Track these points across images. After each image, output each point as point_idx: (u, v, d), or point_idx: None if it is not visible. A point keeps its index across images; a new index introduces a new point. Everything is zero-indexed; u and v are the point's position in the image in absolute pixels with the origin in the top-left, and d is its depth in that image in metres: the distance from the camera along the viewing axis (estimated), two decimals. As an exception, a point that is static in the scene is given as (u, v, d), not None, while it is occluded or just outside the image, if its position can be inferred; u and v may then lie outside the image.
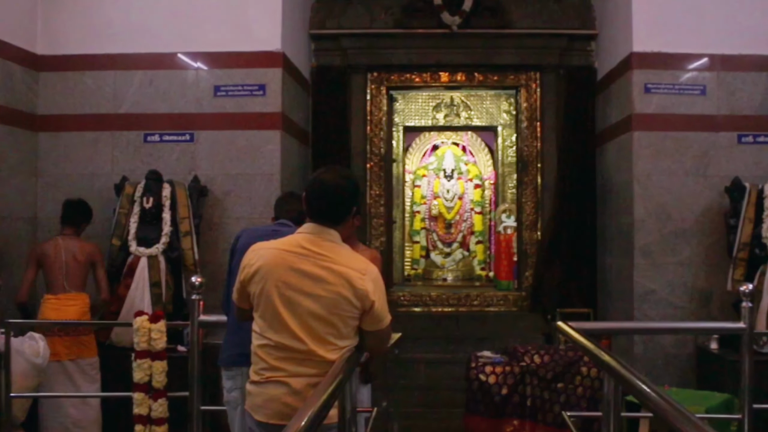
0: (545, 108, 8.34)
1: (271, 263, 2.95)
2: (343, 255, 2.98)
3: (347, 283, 2.90)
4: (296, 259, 2.93)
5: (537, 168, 8.38)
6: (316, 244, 2.96)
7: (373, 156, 8.49)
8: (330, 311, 2.90)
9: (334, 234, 3.01)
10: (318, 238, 2.98)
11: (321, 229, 3.00)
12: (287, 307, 2.91)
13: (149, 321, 4.91)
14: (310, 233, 3.00)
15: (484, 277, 10.31)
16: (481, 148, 10.78)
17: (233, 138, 6.82)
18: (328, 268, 2.91)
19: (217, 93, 6.84)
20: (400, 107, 9.85)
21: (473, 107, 9.87)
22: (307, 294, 2.90)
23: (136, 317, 4.96)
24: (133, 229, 6.27)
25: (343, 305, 2.91)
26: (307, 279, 2.91)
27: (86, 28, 6.91)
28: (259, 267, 2.96)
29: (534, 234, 8.38)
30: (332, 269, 2.91)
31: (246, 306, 3.07)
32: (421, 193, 10.69)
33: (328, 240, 2.99)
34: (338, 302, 2.90)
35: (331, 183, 3.00)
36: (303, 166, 7.83)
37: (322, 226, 3.00)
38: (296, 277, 2.91)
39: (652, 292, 6.80)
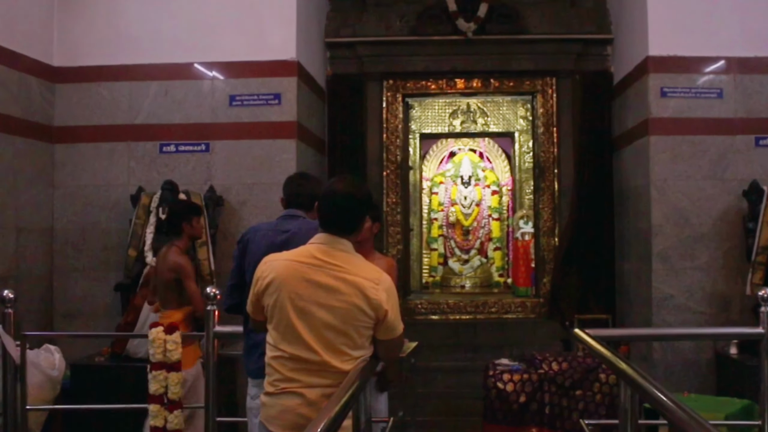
0: (561, 113, 8.31)
1: (284, 275, 2.94)
2: (356, 265, 2.97)
3: (361, 293, 2.89)
4: (309, 270, 2.93)
5: (554, 174, 8.35)
6: (328, 255, 2.95)
7: (390, 164, 8.49)
8: (344, 322, 2.89)
9: (347, 244, 3.01)
10: (330, 248, 2.97)
11: (333, 239, 2.99)
12: (301, 319, 2.91)
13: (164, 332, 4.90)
14: (323, 243, 3.00)
15: (502, 284, 10.26)
16: (498, 154, 10.74)
17: (249, 147, 6.84)
18: (342, 278, 2.91)
19: (233, 102, 6.86)
20: (416, 114, 9.83)
21: (490, 113, 9.84)
22: (320, 305, 2.89)
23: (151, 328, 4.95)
24: (149, 239, 6.29)
25: (357, 315, 2.90)
26: (320, 290, 2.91)
27: (102, 40, 6.97)
28: (273, 279, 2.95)
29: (551, 240, 8.35)
30: (345, 279, 2.91)
31: (260, 318, 3.06)
32: (438, 200, 10.65)
33: (341, 250, 2.98)
34: (352, 312, 2.89)
35: (342, 192, 2.99)
36: (319, 175, 7.79)
37: (334, 236, 3.00)
38: (310, 288, 2.91)
39: (670, 298, 6.74)
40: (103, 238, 6.90)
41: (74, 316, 6.90)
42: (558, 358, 5.80)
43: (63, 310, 6.93)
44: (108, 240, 6.89)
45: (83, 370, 6.01)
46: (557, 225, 8.31)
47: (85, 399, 5.74)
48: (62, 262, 6.95)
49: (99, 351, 6.31)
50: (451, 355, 7.84)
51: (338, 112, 8.28)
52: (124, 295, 6.37)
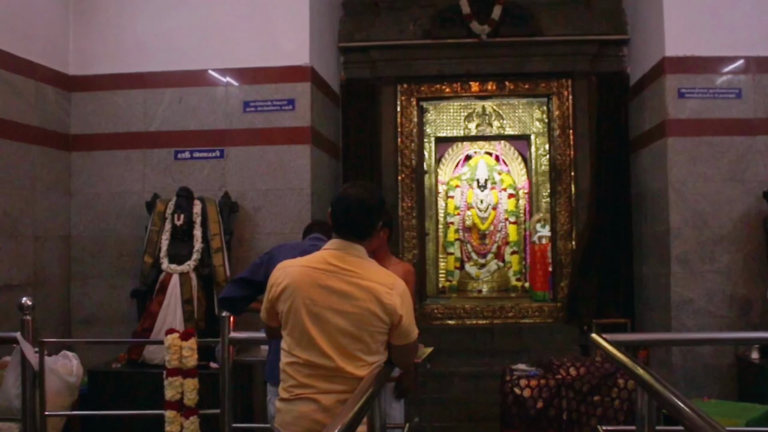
0: (578, 115, 8.31)
1: (299, 281, 2.97)
2: (370, 270, 3.00)
3: (375, 298, 2.91)
4: (323, 276, 2.95)
5: (570, 176, 8.34)
6: (342, 260, 2.98)
7: (405, 168, 8.52)
8: (359, 327, 2.91)
9: (360, 249, 3.03)
10: (344, 254, 3.00)
11: (347, 244, 3.02)
12: (315, 324, 2.93)
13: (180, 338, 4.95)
14: (337, 249, 3.02)
15: (519, 288, 10.25)
16: (515, 157, 10.73)
17: (263, 153, 6.88)
18: (356, 283, 2.93)
19: (247, 109, 6.91)
20: (431, 118, 9.85)
21: (505, 116, 9.83)
22: (335, 310, 2.92)
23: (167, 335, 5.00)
24: (164, 246, 6.33)
25: (372, 321, 2.92)
26: (334, 295, 2.93)
27: (116, 48, 7.04)
28: (287, 285, 2.98)
29: (569, 243, 8.34)
30: (360, 285, 2.93)
31: (275, 324, 3.09)
32: (454, 204, 10.65)
33: (355, 255, 3.00)
34: (367, 318, 2.91)
35: (355, 198, 3.02)
36: (334, 180, 7.87)
37: (347, 241, 3.03)
38: (324, 293, 2.93)
39: (689, 302, 6.72)
40: (119, 245, 6.96)
41: (91, 323, 6.96)
42: (576, 363, 5.79)
43: (80, 316, 6.99)
44: (124, 247, 6.94)
45: (100, 376, 6.07)
46: (574, 228, 8.30)
47: (102, 405, 5.81)
48: (79, 269, 7.01)
49: (116, 357, 6.37)
50: (468, 360, 7.84)
51: (352, 117, 8.30)
52: (140, 301, 6.42)
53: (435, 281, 10.16)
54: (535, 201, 9.86)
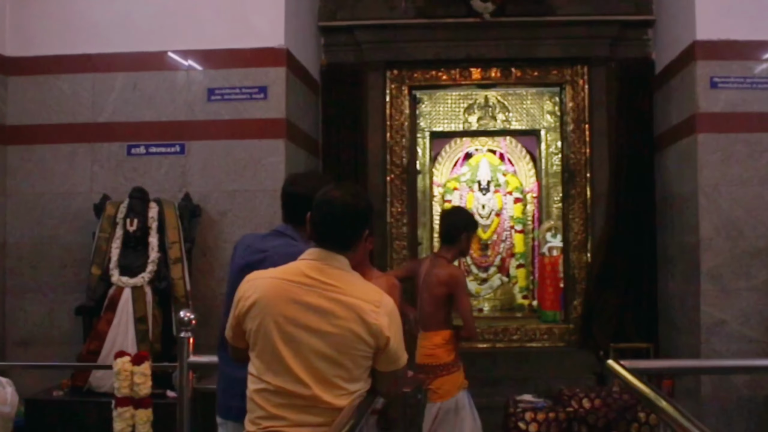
0: (595, 108, 8.31)
1: (270, 295, 2.95)
2: (354, 285, 2.99)
3: (359, 317, 2.90)
4: (299, 290, 2.93)
5: (586, 178, 8.35)
6: (322, 273, 2.96)
7: (395, 167, 8.51)
8: (339, 350, 2.90)
9: (343, 260, 3.02)
10: (325, 266, 2.98)
11: (328, 254, 3.00)
12: (289, 346, 2.91)
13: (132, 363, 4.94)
14: (316, 260, 3.01)
15: (526, 307, 10.27)
16: (522, 155, 10.77)
17: (230, 149, 6.87)
18: (337, 299, 2.91)
19: (212, 97, 6.90)
20: (426, 110, 9.86)
21: (511, 108, 9.86)
22: (311, 330, 2.90)
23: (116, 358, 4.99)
24: (115, 255, 6.31)
25: (354, 343, 2.90)
26: (312, 313, 2.91)
27: (60, 25, 7.01)
28: (257, 300, 2.96)
29: (583, 256, 8.35)
30: (341, 301, 2.91)
31: (241, 345, 3.07)
32: (451, 209, 10.68)
33: (336, 267, 2.99)
34: (348, 339, 2.90)
35: (339, 202, 3.00)
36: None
37: (329, 251, 3.01)
38: (299, 310, 2.91)
39: (722, 324, 6.73)
40: (63, 254, 6.93)
41: (29, 344, 6.93)
42: (590, 394, 5.81)
43: (16, 337, 6.96)
44: (68, 256, 6.91)
45: (39, 405, 6.03)
46: (590, 238, 8.31)
47: (40, 439, 5.76)
48: (15, 281, 6.98)
49: (57, 384, 6.33)
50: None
51: (334, 108, 8.29)
52: (86, 319, 6.39)
53: (429, 298, 10.15)
54: (545, 206, 9.89)
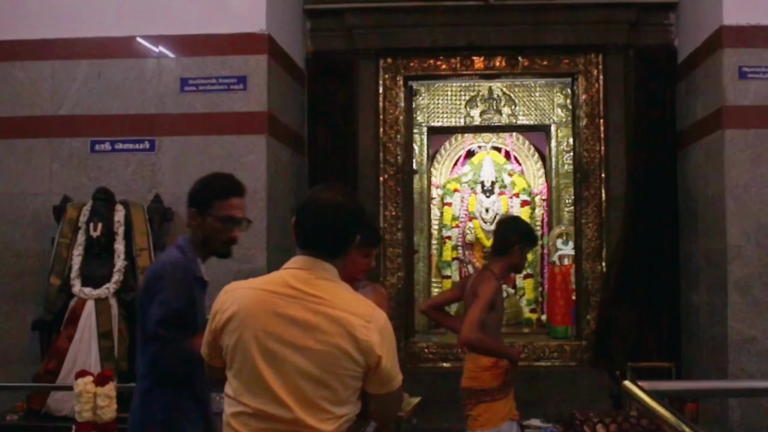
0: (610, 100, 8.31)
1: (250, 307, 2.92)
2: (343, 297, 2.97)
3: (347, 332, 2.87)
4: (282, 302, 2.90)
5: (601, 179, 8.34)
6: (307, 283, 2.94)
7: (388, 166, 8.50)
8: (325, 369, 2.86)
9: (331, 269, 3.01)
10: (310, 275, 2.96)
11: (314, 262, 2.99)
12: (270, 364, 2.88)
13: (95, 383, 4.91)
14: (301, 268, 2.99)
15: (534, 322, 10.26)
16: (530, 153, 10.77)
17: (206, 145, 6.87)
18: (324, 313, 2.88)
19: (185, 88, 6.89)
20: (423, 102, 9.87)
21: (518, 101, 9.87)
22: (295, 347, 2.87)
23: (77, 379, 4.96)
24: (76, 264, 6.28)
25: (342, 361, 2.87)
26: (295, 327, 2.88)
27: (17, 7, 7.00)
28: (235, 312, 2.93)
29: (597, 265, 8.33)
30: (328, 315, 2.88)
31: (218, 363, 3.04)
32: (452, 213, 10.67)
33: (323, 277, 2.97)
34: (335, 357, 2.86)
35: (329, 203, 3.01)
36: (296, 181, 7.87)
37: (315, 258, 3.00)
38: (282, 324, 2.88)
39: (751, 340, 6.73)
40: (18, 262, 6.90)
41: (-21, 364, 6.90)
42: (605, 419, 5.80)
43: (-35, 355, 6.93)
44: (23, 264, 6.88)
45: (-9, 432, 6.00)
46: (605, 246, 8.30)
47: (-8, 469, 5.75)
48: (-36, 293, 6.95)
49: (12, 407, 6.31)
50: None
51: (321, 101, 8.29)
52: (44, 335, 6.36)
53: (426, 312, 10.16)
54: (556, 210, 9.90)
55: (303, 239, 3.02)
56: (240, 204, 3.94)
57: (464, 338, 5.20)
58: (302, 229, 3.02)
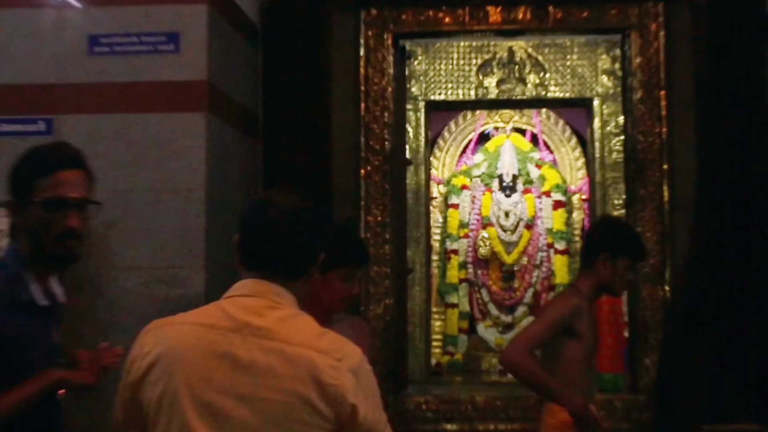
0: (675, 65, 8.31)
1: (180, 348, 2.95)
2: (303, 330, 3.01)
3: (309, 375, 2.88)
4: (222, 339, 2.94)
5: (662, 171, 8.31)
6: (256, 314, 2.98)
7: (373, 155, 8.45)
8: (281, 425, 2.88)
9: (287, 296, 3.07)
10: (260, 303, 3.02)
11: (265, 287, 3.05)
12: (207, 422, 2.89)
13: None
14: (247, 296, 3.04)
15: (572, 367, 10.24)
16: (565, 137, 10.77)
17: (123, 127, 6.83)
18: (278, 351, 2.92)
19: (95, 49, 6.85)
20: (420, 69, 9.85)
21: (549, 67, 9.85)
22: (241, 397, 2.89)
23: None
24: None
25: (304, 414, 2.88)
26: (241, 372, 2.91)
27: None
28: (159, 355, 2.95)
29: (659, 290, 8.29)
30: (284, 353, 2.92)
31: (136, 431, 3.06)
32: (459, 218, 10.65)
33: (277, 306, 3.03)
34: (295, 409, 2.87)
35: (282, 209, 3.08)
36: (247, 174, 7.90)
37: (267, 282, 3.06)
38: (223, 369, 2.91)
39: None
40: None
41: None
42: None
43: None
44: None
45: None
46: (669, 263, 8.27)
47: None
48: None
49: None
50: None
51: (282, 67, 8.24)
52: None
53: (423, 354, 10.10)
54: (600, 214, 9.85)
55: (250, 258, 3.09)
56: (74, 179, 3.79)
57: (506, 355, 5.23)
58: (248, 245, 3.08)
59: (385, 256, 8.46)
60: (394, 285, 8.53)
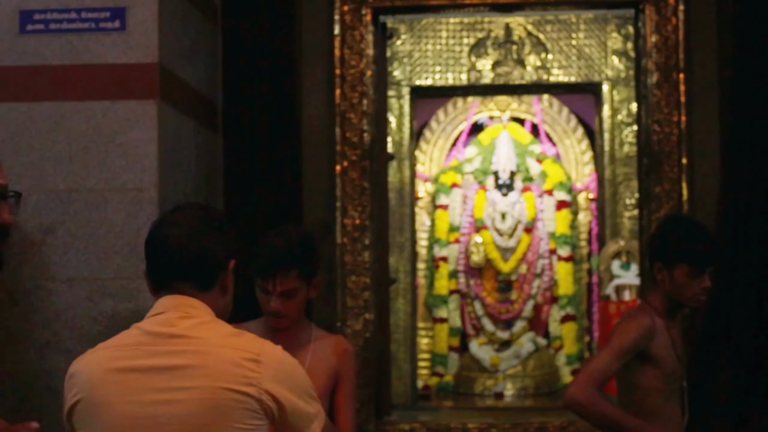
0: (696, 43, 8.30)
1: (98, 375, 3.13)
2: (220, 331, 3.21)
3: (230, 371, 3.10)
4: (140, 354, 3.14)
5: (680, 166, 8.32)
6: (169, 324, 3.18)
7: (350, 149, 8.44)
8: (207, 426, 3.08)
9: (201, 306, 3.25)
10: (172, 315, 3.21)
11: (176, 301, 3.24)
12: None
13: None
14: (158, 313, 3.24)
15: (579, 390, 10.23)
16: (570, 128, 10.77)
17: (61, 117, 6.75)
18: (195, 351, 3.12)
19: (27, 27, 6.78)
20: (404, 50, 9.83)
21: (551, 47, 9.85)
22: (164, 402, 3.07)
23: None
24: None
25: (230, 410, 3.09)
26: (160, 378, 3.10)
27: None
28: (80, 388, 3.15)
29: (677, 301, 8.30)
30: (201, 352, 3.12)
31: None
32: (448, 221, 10.64)
33: (189, 315, 3.21)
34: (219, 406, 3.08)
35: (179, 221, 3.35)
36: (206, 170, 7.84)
37: (179, 296, 3.25)
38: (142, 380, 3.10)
39: None
40: None
41: None
42: None
43: None
44: None
45: None
46: (689, 270, 8.26)
47: None
48: None
49: None
50: None
51: (245, 48, 8.22)
52: None
53: (409, 375, 10.08)
54: (611, 216, 9.86)
55: (158, 279, 3.32)
56: None
57: (569, 395, 5.08)
58: (153, 265, 3.32)
59: (365, 265, 8.46)
60: (374, 297, 8.52)
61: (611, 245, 9.62)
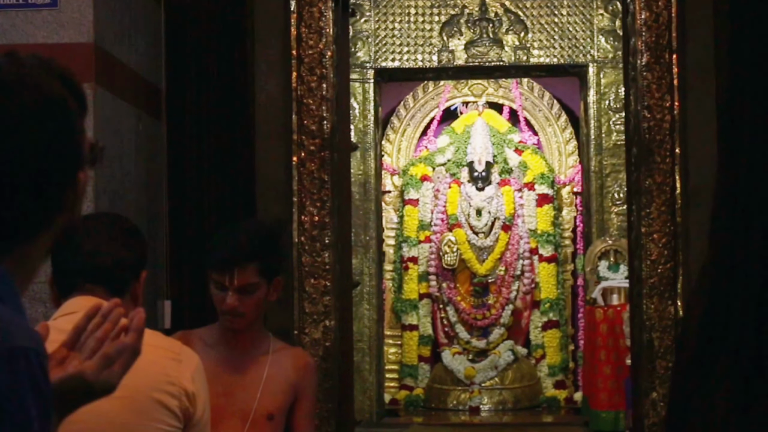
0: (690, 22, 8.33)
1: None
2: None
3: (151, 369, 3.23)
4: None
5: (673, 157, 8.34)
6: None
7: (308, 138, 8.43)
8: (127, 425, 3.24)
9: None
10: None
11: (89, 302, 3.19)
12: None
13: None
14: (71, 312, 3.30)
15: (561, 403, 10.26)
16: (552, 114, 10.80)
17: (-14, 103, 6.74)
18: None
19: (-52, 3, 6.80)
20: (368, 28, 9.84)
21: (531, 25, 9.88)
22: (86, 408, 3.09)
23: None
24: None
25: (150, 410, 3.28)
26: None
27: None
28: None
29: (669, 305, 8.32)
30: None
31: None
32: (418, 217, 10.65)
33: None
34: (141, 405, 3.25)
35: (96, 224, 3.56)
36: (147, 163, 7.85)
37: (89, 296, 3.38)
38: None
39: None
40: None
41: None
42: None
43: None
44: None
45: None
46: (682, 271, 8.29)
47: None
48: None
49: None
50: None
51: (190, 25, 8.22)
52: None
53: (375, 389, 10.10)
54: (597, 211, 9.90)
55: (65, 283, 3.53)
56: None
57: None
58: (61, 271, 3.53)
59: (325, 266, 8.45)
60: (336, 302, 8.51)
61: (598, 244, 9.64)
